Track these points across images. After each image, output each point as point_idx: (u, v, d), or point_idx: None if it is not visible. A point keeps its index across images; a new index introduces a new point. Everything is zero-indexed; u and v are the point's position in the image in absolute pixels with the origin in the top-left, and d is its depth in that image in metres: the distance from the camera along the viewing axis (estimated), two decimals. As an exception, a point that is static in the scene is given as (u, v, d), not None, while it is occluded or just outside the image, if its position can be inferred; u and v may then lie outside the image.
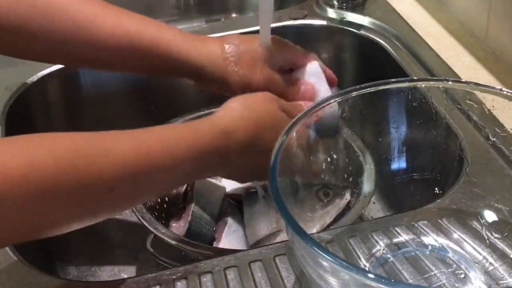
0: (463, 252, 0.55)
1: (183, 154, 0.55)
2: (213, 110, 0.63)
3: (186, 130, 0.58)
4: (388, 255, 0.55)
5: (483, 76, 0.78)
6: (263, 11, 0.66)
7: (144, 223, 0.65)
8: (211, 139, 0.57)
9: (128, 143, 0.52)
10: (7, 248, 0.57)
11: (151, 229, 0.64)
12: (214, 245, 0.70)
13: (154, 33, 0.68)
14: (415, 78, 0.76)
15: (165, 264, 0.66)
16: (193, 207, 0.70)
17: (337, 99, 0.55)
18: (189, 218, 0.70)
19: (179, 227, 0.73)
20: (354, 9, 0.94)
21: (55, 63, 0.83)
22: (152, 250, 0.67)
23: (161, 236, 0.64)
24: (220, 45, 0.69)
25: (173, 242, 0.63)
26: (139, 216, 0.66)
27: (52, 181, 0.45)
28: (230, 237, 0.71)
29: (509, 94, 0.53)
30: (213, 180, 0.76)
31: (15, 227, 0.45)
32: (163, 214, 0.72)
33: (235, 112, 0.61)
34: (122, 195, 0.51)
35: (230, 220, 0.72)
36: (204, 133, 0.57)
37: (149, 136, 0.55)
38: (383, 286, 0.37)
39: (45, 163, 0.45)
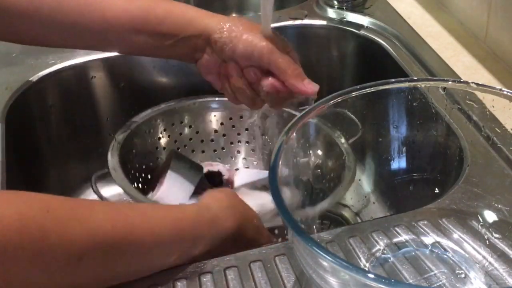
0: (463, 252, 0.55)
1: (165, 232, 0.51)
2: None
3: (172, 209, 0.56)
4: (388, 255, 0.55)
5: (483, 76, 0.78)
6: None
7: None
8: (198, 222, 0.55)
9: (106, 213, 0.48)
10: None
11: None
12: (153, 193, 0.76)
13: (168, 5, 0.68)
14: (415, 78, 0.76)
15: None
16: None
17: (337, 99, 0.55)
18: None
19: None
20: (354, 9, 0.95)
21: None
22: None
23: None
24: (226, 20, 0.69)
25: None
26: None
27: (16, 241, 0.41)
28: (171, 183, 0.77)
29: (509, 94, 0.53)
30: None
31: None
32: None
33: (224, 203, 0.59)
34: (90, 267, 0.46)
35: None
36: (191, 216, 0.55)
37: (131, 209, 0.52)
38: (383, 286, 0.37)
39: (11, 221, 0.41)
